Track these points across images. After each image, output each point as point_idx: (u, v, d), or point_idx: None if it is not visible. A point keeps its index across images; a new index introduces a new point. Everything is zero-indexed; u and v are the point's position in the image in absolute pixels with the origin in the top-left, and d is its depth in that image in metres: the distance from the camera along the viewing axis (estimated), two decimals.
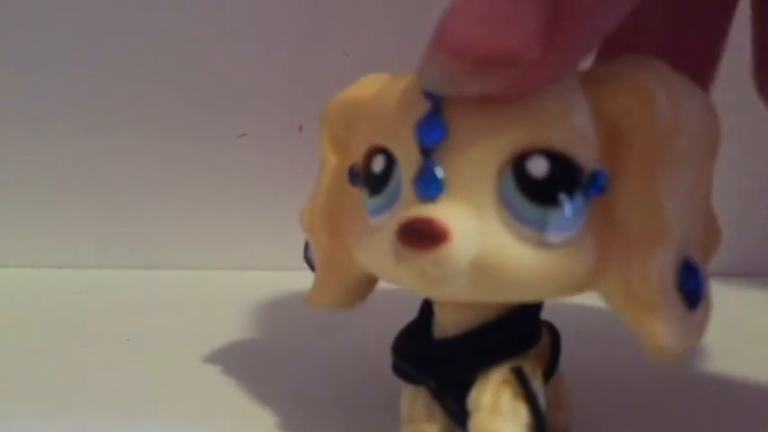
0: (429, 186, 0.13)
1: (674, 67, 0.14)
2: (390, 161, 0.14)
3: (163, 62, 0.33)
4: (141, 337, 0.25)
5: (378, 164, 0.15)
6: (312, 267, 0.18)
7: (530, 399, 0.15)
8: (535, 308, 0.16)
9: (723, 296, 0.15)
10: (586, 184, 0.13)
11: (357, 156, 0.16)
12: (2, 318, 0.27)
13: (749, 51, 0.17)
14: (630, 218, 0.13)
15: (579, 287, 0.14)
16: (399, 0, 0.31)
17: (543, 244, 0.13)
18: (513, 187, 0.13)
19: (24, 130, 0.34)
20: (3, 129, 0.34)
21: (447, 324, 0.16)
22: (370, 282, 0.17)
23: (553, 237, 0.13)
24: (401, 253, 0.13)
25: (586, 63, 0.14)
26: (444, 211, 0.13)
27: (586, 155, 0.13)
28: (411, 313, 0.17)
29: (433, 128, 0.13)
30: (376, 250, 0.15)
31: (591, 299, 0.14)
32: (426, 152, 0.13)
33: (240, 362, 0.23)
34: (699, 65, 0.17)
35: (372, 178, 0.15)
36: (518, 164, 0.13)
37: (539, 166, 0.13)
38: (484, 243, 0.13)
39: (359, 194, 0.16)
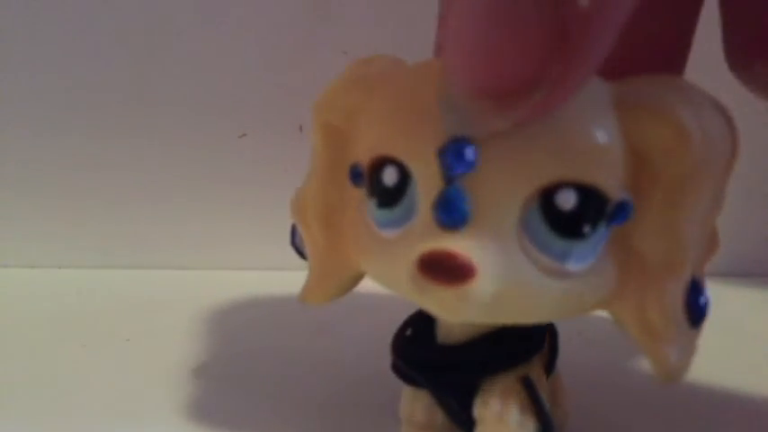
0: (452, 215, 0.13)
1: (692, 85, 0.13)
2: (405, 176, 0.14)
3: (163, 62, 0.33)
4: (141, 337, 0.25)
5: (390, 177, 0.14)
6: (301, 254, 0.18)
7: (538, 409, 0.15)
8: None
9: (723, 296, 0.15)
10: (611, 214, 0.13)
11: (359, 153, 0.15)
12: (2, 318, 0.27)
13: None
14: (648, 246, 0.13)
15: (592, 310, 0.14)
16: (399, 0, 0.32)
17: (563, 274, 0.13)
18: (539, 219, 0.13)
19: (24, 130, 0.34)
20: (3, 129, 0.34)
21: (454, 329, 0.16)
22: (362, 275, 0.17)
23: (573, 267, 0.13)
24: (421, 283, 0.13)
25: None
26: (468, 245, 0.12)
27: (614, 185, 0.13)
28: (411, 312, 0.17)
29: (461, 158, 0.12)
30: (388, 266, 0.14)
31: None
32: (451, 180, 0.13)
33: (240, 361, 0.23)
34: (670, 51, 0.16)
35: (382, 190, 0.14)
36: (546, 196, 0.12)
37: (568, 200, 0.12)
38: (506, 276, 0.12)
39: (359, 194, 0.15)
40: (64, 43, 0.33)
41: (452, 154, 0.12)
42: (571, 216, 0.12)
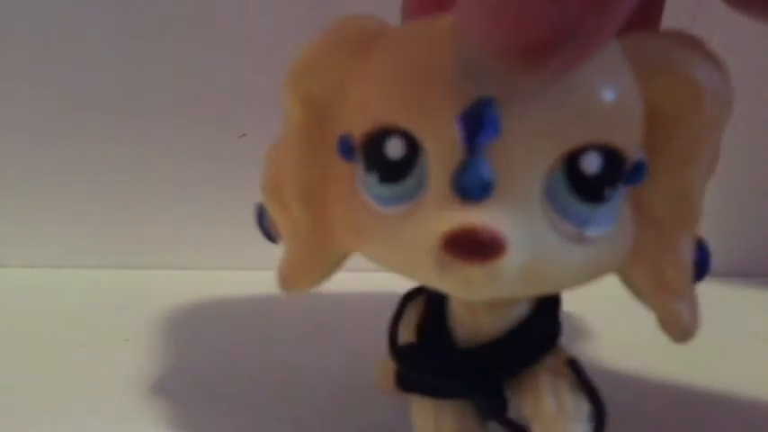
0: (475, 188, 0.12)
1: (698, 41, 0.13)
2: (414, 148, 0.12)
3: (163, 62, 0.33)
4: (141, 337, 0.25)
5: (395, 148, 0.12)
6: (270, 237, 0.17)
7: (589, 390, 0.14)
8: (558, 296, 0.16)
9: (723, 296, 0.15)
10: (629, 175, 0.13)
11: (350, 124, 0.13)
12: (2, 318, 0.27)
13: (748, 50, 0.17)
14: (662, 205, 0.13)
15: (609, 274, 0.14)
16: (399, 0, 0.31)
17: (584, 240, 0.12)
18: (563, 185, 0.12)
19: (24, 130, 0.34)
20: (3, 129, 0.34)
21: (482, 327, 0.15)
22: (345, 259, 0.15)
23: (595, 232, 0.13)
24: (445, 262, 0.12)
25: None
26: (496, 218, 0.12)
27: (632, 145, 0.13)
28: None
29: (485, 125, 0.11)
30: (395, 245, 0.13)
31: (591, 295, 0.14)
32: (473, 149, 0.12)
33: (240, 361, 0.23)
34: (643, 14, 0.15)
35: (385, 164, 0.13)
36: (571, 161, 0.12)
37: (592, 163, 0.12)
38: (534, 248, 0.12)
39: (350, 169, 0.14)
40: (64, 45, 0.33)
41: (475, 119, 0.11)
42: (594, 180, 0.12)
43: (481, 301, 0.14)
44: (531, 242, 0.12)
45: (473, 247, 0.11)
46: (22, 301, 0.30)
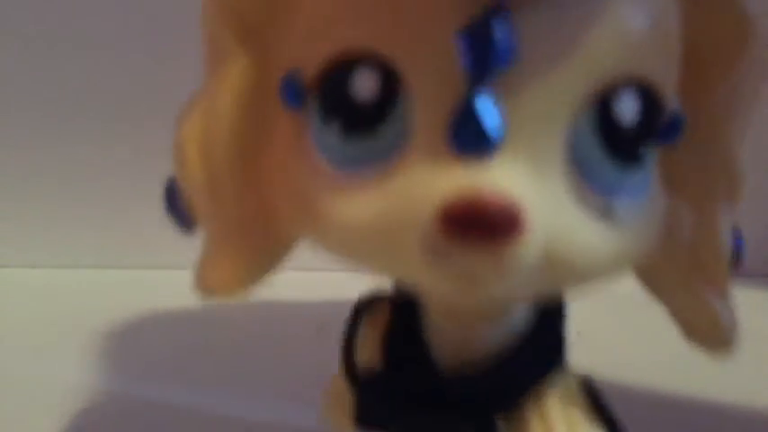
0: (480, 137, 0.08)
1: None
2: (391, 84, 0.09)
3: (163, 62, 0.33)
4: (141, 337, 0.25)
5: (365, 85, 0.09)
6: (184, 222, 0.13)
7: (609, 418, 0.11)
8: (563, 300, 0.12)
9: None
10: (664, 130, 0.10)
11: (294, 56, 0.10)
12: (2, 318, 0.27)
13: None
14: (698, 171, 0.11)
15: (635, 262, 0.11)
16: None
17: (610, 213, 0.09)
18: (591, 137, 0.09)
19: (25, 131, 0.34)
20: (2, 129, 0.34)
21: (472, 343, 0.11)
22: (288, 250, 0.12)
23: (624, 203, 0.09)
24: (440, 248, 0.08)
25: None
26: (507, 180, 0.08)
27: (670, 90, 0.10)
28: None
29: (497, 45, 0.08)
30: (363, 226, 0.09)
31: (591, 297, 0.14)
32: (477, 81, 0.08)
33: (240, 361, 0.23)
34: None
35: (350, 107, 0.09)
36: (602, 104, 0.09)
37: (628, 107, 0.09)
38: (556, 224, 0.09)
39: (296, 121, 0.10)
40: (64, 45, 0.33)
41: (482, 38, 0.08)
42: (630, 132, 0.09)
43: (474, 307, 0.11)
44: (554, 215, 0.09)
45: (480, 221, 0.08)
46: (22, 301, 0.30)
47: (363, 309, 0.13)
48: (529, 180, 0.09)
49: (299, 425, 0.19)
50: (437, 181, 0.08)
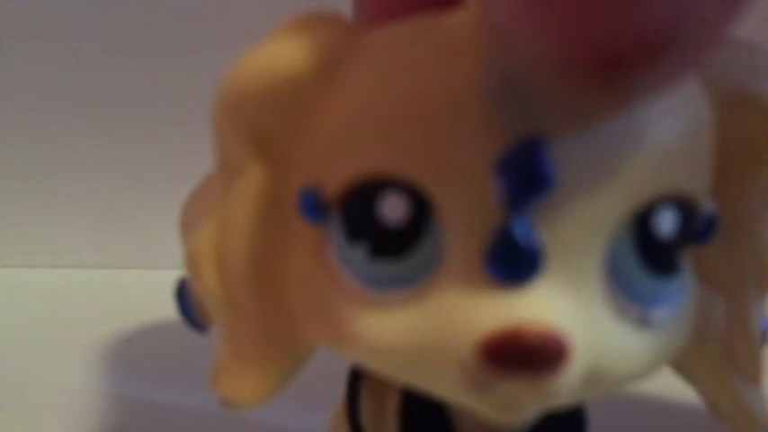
0: (521, 264, 0.08)
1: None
2: (420, 207, 0.09)
3: (164, 62, 0.33)
4: (141, 337, 0.25)
5: (394, 209, 0.09)
6: (196, 325, 0.12)
7: None
8: None
9: None
10: (698, 232, 0.10)
11: (313, 170, 0.10)
12: (2, 318, 0.27)
13: None
14: (730, 266, 0.11)
15: (671, 360, 0.10)
16: None
17: (647, 323, 0.09)
18: (630, 255, 0.09)
19: (24, 130, 0.34)
20: (3, 129, 0.34)
21: (499, 425, 0.10)
22: (310, 353, 0.11)
23: (662, 313, 0.09)
24: (483, 379, 0.08)
25: None
26: (550, 309, 0.08)
27: (704, 195, 0.10)
28: None
29: (537, 174, 0.08)
30: (395, 347, 0.09)
31: None
32: (517, 209, 0.08)
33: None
34: None
35: (378, 231, 0.09)
36: (641, 221, 0.09)
37: (667, 223, 0.09)
38: (597, 344, 0.09)
39: (312, 233, 0.10)
40: (64, 45, 0.33)
41: (521, 167, 0.08)
42: (669, 244, 0.09)
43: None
44: (594, 336, 0.09)
45: (524, 355, 0.08)
46: (22, 301, 0.30)
47: (359, 375, 0.13)
48: (569, 303, 0.08)
49: (304, 428, 0.19)
50: (476, 311, 0.08)
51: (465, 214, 0.08)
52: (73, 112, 0.34)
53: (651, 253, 0.09)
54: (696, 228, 0.10)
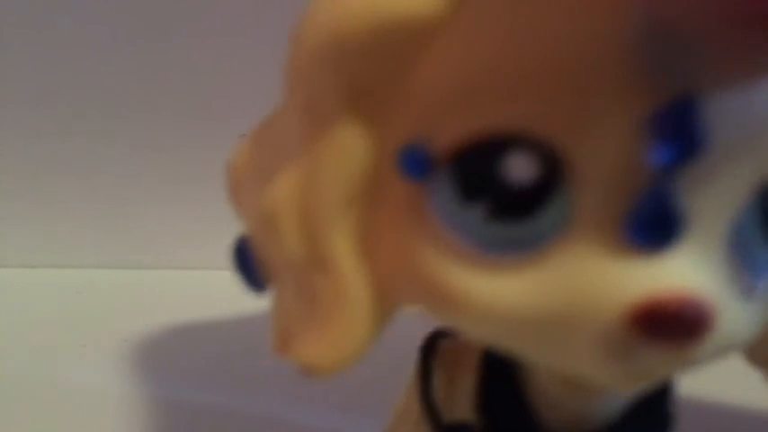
0: (664, 231, 0.08)
1: None
2: (552, 167, 0.08)
3: (163, 62, 0.33)
4: (141, 337, 0.25)
5: (521, 168, 0.08)
6: (255, 283, 0.12)
7: None
8: None
9: None
10: None
11: (412, 125, 0.09)
12: (2, 318, 0.27)
13: None
14: None
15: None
16: None
17: (753, 294, 0.09)
18: (756, 223, 0.09)
19: (24, 131, 0.34)
20: (3, 129, 0.34)
21: (585, 411, 0.11)
22: (394, 314, 0.11)
23: (763, 284, 0.09)
24: (626, 347, 0.08)
25: None
26: (690, 275, 0.08)
27: None
28: None
29: (688, 134, 0.07)
30: (508, 311, 0.08)
31: None
32: (664, 172, 0.08)
33: (240, 362, 0.23)
34: None
35: (501, 190, 0.08)
36: (766, 190, 0.09)
37: None
38: (731, 314, 0.09)
39: (411, 190, 0.09)
40: (63, 45, 0.33)
41: (673, 127, 0.07)
42: None
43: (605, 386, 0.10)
44: (729, 306, 0.09)
45: (673, 322, 0.08)
46: (22, 301, 0.30)
47: (433, 351, 0.12)
48: (706, 270, 0.08)
49: (303, 424, 0.19)
50: (619, 276, 0.08)
51: (604, 175, 0.08)
52: (73, 112, 0.34)
53: None
54: None
